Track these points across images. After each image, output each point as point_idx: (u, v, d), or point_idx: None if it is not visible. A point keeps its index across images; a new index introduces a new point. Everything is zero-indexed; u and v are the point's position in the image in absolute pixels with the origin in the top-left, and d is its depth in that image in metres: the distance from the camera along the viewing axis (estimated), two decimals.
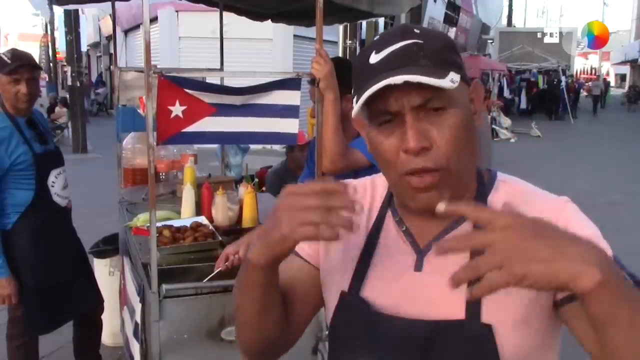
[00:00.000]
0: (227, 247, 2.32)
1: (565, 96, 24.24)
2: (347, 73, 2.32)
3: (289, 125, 2.30)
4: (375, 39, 0.92)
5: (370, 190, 1.04)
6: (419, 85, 0.83)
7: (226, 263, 2.26)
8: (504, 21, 36.40)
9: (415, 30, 0.89)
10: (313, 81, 2.18)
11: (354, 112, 0.89)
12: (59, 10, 13.84)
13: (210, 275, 2.23)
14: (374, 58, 0.88)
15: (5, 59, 2.71)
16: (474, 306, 0.87)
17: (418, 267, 0.93)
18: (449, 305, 0.88)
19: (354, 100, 0.90)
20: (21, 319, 2.85)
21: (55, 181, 2.86)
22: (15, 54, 2.77)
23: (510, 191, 0.96)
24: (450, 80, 0.83)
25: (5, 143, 2.65)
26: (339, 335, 0.98)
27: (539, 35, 29.24)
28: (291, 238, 0.80)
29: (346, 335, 0.96)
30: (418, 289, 0.92)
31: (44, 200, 2.81)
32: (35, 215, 2.78)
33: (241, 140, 2.42)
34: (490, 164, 3.53)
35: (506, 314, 0.86)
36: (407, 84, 0.82)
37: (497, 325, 0.86)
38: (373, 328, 0.92)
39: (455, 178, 0.89)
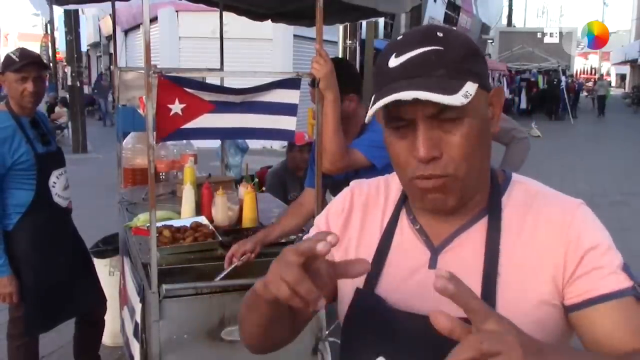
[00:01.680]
0: (242, 242, 2.31)
1: (565, 96, 24.24)
2: (347, 73, 2.34)
3: (287, 123, 2.30)
4: (398, 38, 0.91)
5: (384, 189, 1.06)
6: None
7: (242, 258, 2.25)
8: (504, 21, 36.44)
9: (438, 34, 0.87)
10: (313, 82, 2.18)
11: (369, 114, 0.89)
12: (59, 10, 13.85)
13: (226, 272, 2.23)
14: (393, 62, 0.87)
15: (14, 57, 2.73)
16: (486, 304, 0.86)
17: (432, 264, 0.94)
18: None
19: (372, 98, 0.89)
20: (22, 319, 2.85)
21: (56, 182, 2.87)
22: (24, 53, 2.78)
23: (524, 192, 0.96)
24: (464, 95, 0.83)
25: (8, 141, 2.66)
26: (353, 332, 0.99)
27: (539, 35, 29.29)
28: (268, 290, 0.80)
29: (361, 332, 0.97)
30: (432, 286, 0.92)
31: (45, 201, 2.81)
32: (36, 215, 2.78)
33: (239, 135, 2.42)
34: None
35: (519, 313, 0.85)
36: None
37: None
38: (388, 325, 0.93)
39: (463, 184, 0.90)
